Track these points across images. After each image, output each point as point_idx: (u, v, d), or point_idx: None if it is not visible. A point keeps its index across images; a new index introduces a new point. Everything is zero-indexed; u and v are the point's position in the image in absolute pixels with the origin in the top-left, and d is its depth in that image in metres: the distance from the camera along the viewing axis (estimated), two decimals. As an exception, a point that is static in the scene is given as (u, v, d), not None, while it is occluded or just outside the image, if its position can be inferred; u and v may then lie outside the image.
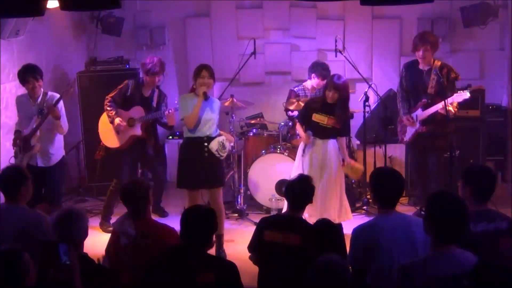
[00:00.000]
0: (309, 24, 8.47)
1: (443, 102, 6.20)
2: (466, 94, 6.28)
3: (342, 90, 6.09)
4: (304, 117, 6.29)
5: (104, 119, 6.82)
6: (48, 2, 4.97)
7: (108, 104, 6.72)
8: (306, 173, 6.04)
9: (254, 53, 7.48)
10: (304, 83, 7.46)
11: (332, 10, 8.39)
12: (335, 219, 6.03)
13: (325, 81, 7.14)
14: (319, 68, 7.28)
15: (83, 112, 7.96)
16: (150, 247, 4.14)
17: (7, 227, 4.30)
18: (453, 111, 6.31)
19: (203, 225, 3.74)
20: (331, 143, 6.20)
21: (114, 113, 6.68)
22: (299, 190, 4.44)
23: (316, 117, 6.16)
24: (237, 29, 8.55)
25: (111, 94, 6.75)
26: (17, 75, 6.25)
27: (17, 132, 6.27)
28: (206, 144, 5.77)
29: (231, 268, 3.77)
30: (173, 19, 8.65)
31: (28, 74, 6.13)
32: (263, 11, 8.53)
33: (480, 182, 3.89)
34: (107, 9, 7.71)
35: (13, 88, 6.95)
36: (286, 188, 4.53)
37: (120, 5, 5.03)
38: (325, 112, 6.14)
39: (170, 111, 6.51)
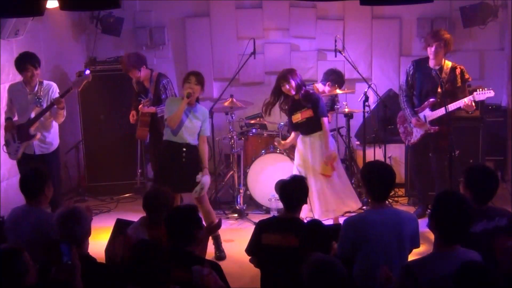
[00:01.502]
0: (308, 24, 8.47)
1: (459, 102, 6.17)
2: (490, 92, 6.16)
3: (290, 76, 6.08)
4: (290, 124, 6.36)
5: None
6: (48, 2, 4.97)
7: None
8: (300, 170, 6.12)
9: (253, 53, 7.49)
10: (315, 84, 7.40)
11: (331, 10, 8.39)
12: (337, 211, 6.16)
13: (336, 89, 7.16)
14: (335, 76, 7.24)
15: (82, 112, 7.96)
16: None
17: (24, 229, 4.31)
18: (473, 106, 6.22)
19: (184, 224, 3.76)
20: (316, 138, 6.16)
21: (132, 105, 7.09)
22: (292, 191, 4.41)
23: (294, 118, 6.24)
24: (237, 29, 8.54)
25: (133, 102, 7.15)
26: (15, 62, 6.19)
27: (9, 119, 6.23)
28: (184, 149, 5.76)
29: (211, 267, 3.76)
30: (173, 19, 8.65)
31: (27, 62, 6.10)
32: (263, 11, 8.52)
33: (481, 186, 3.91)
34: (107, 9, 7.71)
35: (13, 88, 6.95)
36: (280, 189, 4.49)
37: (120, 5, 5.03)
38: (296, 109, 6.19)
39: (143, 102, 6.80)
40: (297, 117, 6.20)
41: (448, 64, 6.45)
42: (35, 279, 3.25)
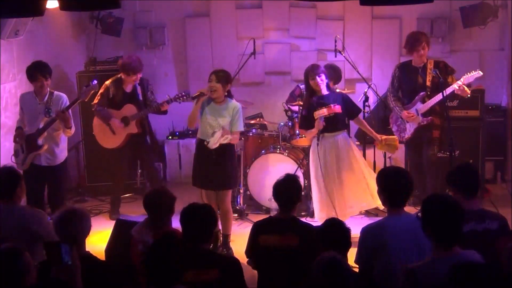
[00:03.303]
0: (308, 24, 8.47)
1: (450, 87, 6.28)
2: (478, 73, 6.29)
3: (320, 70, 6.07)
4: (308, 121, 6.07)
5: (96, 122, 7.07)
6: (48, 2, 4.97)
7: (97, 109, 6.96)
8: (322, 171, 5.98)
9: (253, 53, 7.49)
10: None
11: (331, 10, 8.39)
12: (365, 206, 6.11)
13: (335, 84, 7.17)
14: (331, 71, 7.22)
15: (82, 112, 7.95)
16: None
17: (8, 227, 4.30)
18: (468, 91, 6.34)
19: (202, 222, 3.77)
20: (341, 136, 6.05)
21: (110, 115, 6.91)
22: (287, 190, 4.38)
23: (317, 113, 5.98)
24: (237, 29, 8.54)
25: (95, 101, 6.96)
26: (26, 71, 6.20)
27: (19, 129, 6.22)
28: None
29: (235, 263, 3.82)
30: (173, 19, 8.65)
31: (38, 72, 6.09)
32: (263, 11, 8.52)
33: (461, 178, 3.94)
34: (107, 9, 7.71)
35: (13, 88, 6.95)
36: (274, 190, 4.44)
37: (120, 5, 5.03)
38: (321, 104, 5.99)
39: (163, 106, 6.68)
40: (322, 112, 5.92)
41: (431, 61, 6.59)
42: (35, 279, 3.25)
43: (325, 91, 6.06)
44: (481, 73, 6.33)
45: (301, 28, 8.49)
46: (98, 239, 6.04)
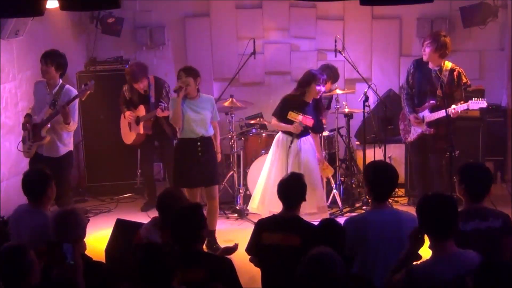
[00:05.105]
0: (308, 24, 8.47)
1: (452, 107, 6.22)
2: (483, 103, 6.27)
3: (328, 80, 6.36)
4: (282, 114, 6.26)
5: (122, 119, 7.36)
6: (48, 2, 4.98)
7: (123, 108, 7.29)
8: (279, 171, 6.15)
9: (253, 53, 7.49)
10: None
11: (331, 10, 8.39)
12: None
13: (333, 84, 7.20)
14: (329, 71, 7.24)
15: (82, 112, 7.93)
16: None
17: (25, 230, 4.30)
18: (459, 113, 6.34)
19: (191, 224, 3.77)
20: (305, 140, 6.27)
21: (125, 108, 7.23)
22: (292, 189, 4.39)
23: (291, 115, 6.16)
24: (237, 29, 8.54)
25: (120, 106, 7.32)
26: None
27: (28, 116, 6.22)
28: (199, 143, 5.87)
29: (224, 263, 3.80)
30: (173, 19, 8.65)
31: (42, 56, 6.11)
32: (263, 11, 8.52)
33: (475, 180, 3.90)
34: (107, 9, 7.72)
35: (13, 88, 6.95)
36: (279, 188, 4.45)
37: (120, 5, 5.04)
38: (300, 110, 6.16)
39: (160, 107, 6.65)
40: (296, 117, 6.13)
41: (447, 65, 6.50)
42: (39, 278, 3.26)
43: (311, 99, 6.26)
44: (486, 104, 6.33)
45: (301, 28, 8.49)
46: (98, 239, 6.04)
